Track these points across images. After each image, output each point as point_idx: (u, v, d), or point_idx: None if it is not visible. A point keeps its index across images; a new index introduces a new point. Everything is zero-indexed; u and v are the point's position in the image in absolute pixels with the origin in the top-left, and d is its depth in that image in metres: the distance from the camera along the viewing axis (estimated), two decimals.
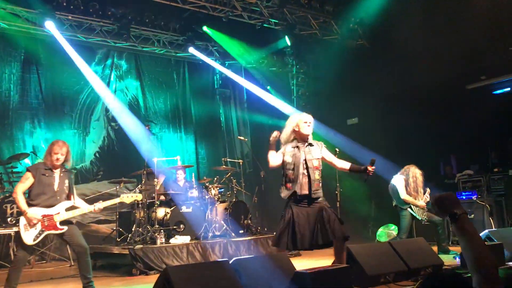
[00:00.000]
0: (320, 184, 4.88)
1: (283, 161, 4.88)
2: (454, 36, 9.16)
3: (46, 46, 10.35)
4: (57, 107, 10.50)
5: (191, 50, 11.44)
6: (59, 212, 4.99)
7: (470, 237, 1.97)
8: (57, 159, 5.07)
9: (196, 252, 7.36)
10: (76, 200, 5.31)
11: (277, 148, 4.97)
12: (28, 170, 5.07)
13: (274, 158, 4.88)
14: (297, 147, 4.91)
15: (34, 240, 4.89)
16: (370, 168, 4.91)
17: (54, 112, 10.43)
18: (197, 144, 12.48)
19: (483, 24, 8.64)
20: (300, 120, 4.95)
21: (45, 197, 4.98)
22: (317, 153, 4.96)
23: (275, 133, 4.78)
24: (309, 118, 5.01)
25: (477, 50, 9.09)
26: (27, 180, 4.98)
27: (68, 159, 5.19)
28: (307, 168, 4.82)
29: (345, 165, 5.09)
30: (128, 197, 5.50)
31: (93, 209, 5.22)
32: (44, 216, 4.92)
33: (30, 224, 4.85)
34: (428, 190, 7.36)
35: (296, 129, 4.94)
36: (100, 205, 5.25)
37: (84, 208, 5.23)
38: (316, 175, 4.85)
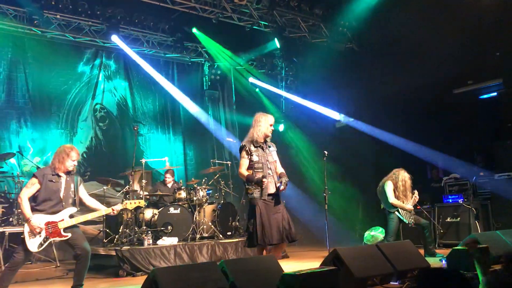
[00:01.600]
0: None
1: (251, 160, 5.02)
2: (441, 41, 9.27)
3: (33, 45, 10.25)
4: (44, 107, 10.39)
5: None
6: (63, 219, 4.92)
7: None
8: (75, 166, 5.05)
9: (183, 254, 7.33)
10: (91, 202, 5.27)
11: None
12: (34, 176, 4.97)
13: (246, 167, 5.06)
14: (260, 147, 5.12)
15: (39, 247, 4.83)
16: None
17: (41, 111, 10.32)
18: (185, 145, 12.44)
19: (470, 29, 8.75)
20: (266, 121, 5.16)
21: (51, 203, 4.92)
22: (275, 155, 5.22)
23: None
24: (273, 120, 5.26)
25: (465, 55, 9.19)
26: (33, 186, 4.90)
27: None
28: (270, 169, 5.08)
29: (279, 171, 5.25)
30: (131, 203, 5.45)
31: (111, 212, 5.18)
32: (48, 223, 4.85)
33: (34, 232, 4.78)
34: (416, 192, 7.42)
35: (262, 130, 5.12)
36: (119, 206, 5.24)
37: (101, 210, 5.19)
38: (276, 177, 5.10)
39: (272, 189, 5.04)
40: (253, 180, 4.93)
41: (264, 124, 5.14)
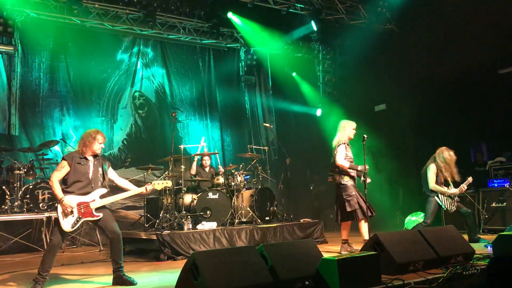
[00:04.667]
0: None
1: (346, 155, 6.63)
2: (486, 20, 8.87)
3: (73, 35, 10.48)
4: (85, 95, 10.64)
5: None
6: (94, 199, 5.07)
7: None
8: (101, 148, 5.19)
9: (222, 238, 7.40)
10: (123, 182, 5.39)
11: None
12: (64, 159, 5.14)
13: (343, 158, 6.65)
14: (348, 145, 6.74)
15: (72, 227, 4.98)
16: None
17: (82, 100, 10.57)
18: (222, 131, 12.50)
19: None
20: (352, 127, 6.76)
21: (81, 184, 5.06)
22: None
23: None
24: (355, 125, 6.83)
25: (510, 34, 8.79)
26: (63, 169, 5.06)
27: None
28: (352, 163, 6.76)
29: None
30: (159, 184, 5.56)
31: (145, 190, 5.31)
32: (79, 203, 5.00)
33: (66, 211, 4.94)
34: (469, 179, 7.17)
35: (349, 133, 6.74)
36: (150, 186, 5.36)
37: (133, 190, 5.31)
38: None
39: None
40: (356, 168, 6.60)
41: (349, 129, 6.75)
